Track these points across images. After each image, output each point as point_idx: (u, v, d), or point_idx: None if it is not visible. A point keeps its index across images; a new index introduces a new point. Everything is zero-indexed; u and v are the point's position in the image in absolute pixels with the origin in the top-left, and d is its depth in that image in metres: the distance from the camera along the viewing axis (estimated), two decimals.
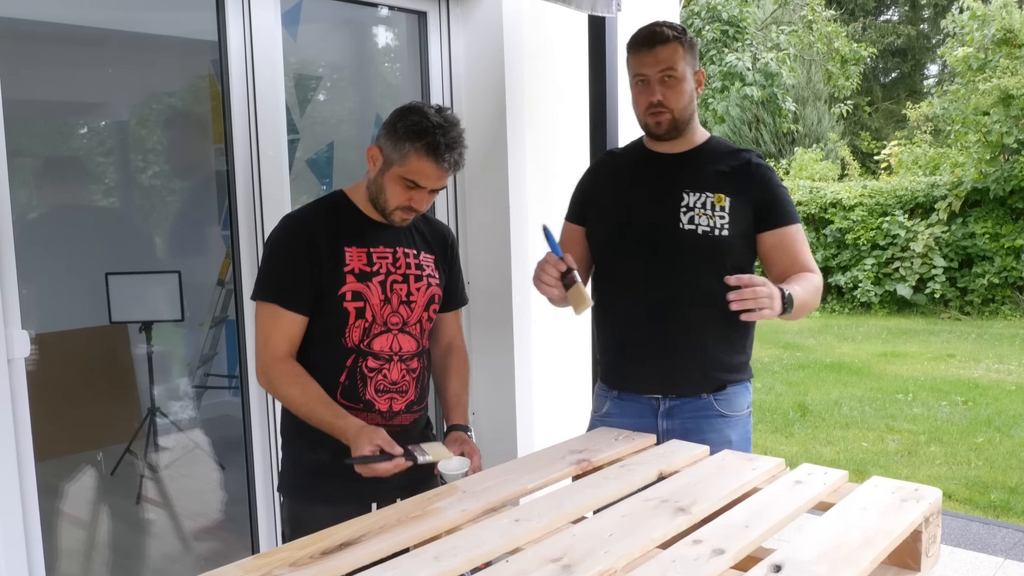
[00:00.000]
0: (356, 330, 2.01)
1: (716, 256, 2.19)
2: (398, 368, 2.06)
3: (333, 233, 2.02)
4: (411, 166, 1.94)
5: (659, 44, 2.18)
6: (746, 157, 2.27)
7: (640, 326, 2.27)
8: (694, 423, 2.25)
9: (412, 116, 1.94)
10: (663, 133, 2.24)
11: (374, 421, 2.01)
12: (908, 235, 11.27)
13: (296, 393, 1.96)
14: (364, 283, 2.00)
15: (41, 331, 3.22)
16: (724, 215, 2.19)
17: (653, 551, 1.53)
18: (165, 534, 3.57)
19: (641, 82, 2.22)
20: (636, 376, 2.32)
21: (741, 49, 9.58)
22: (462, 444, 2.11)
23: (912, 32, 22.94)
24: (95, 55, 3.28)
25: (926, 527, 1.70)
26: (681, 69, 2.18)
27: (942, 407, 6.67)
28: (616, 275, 2.32)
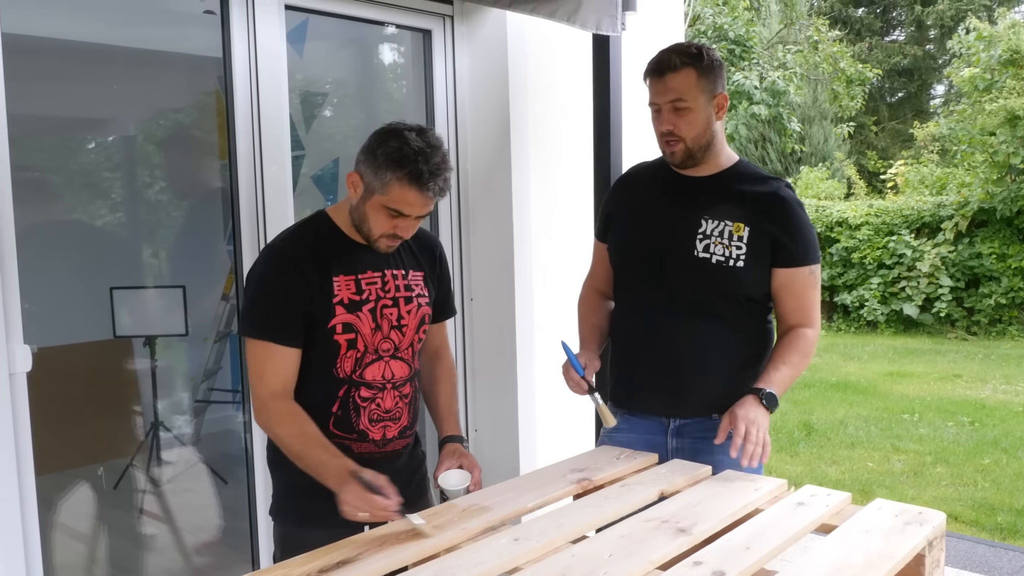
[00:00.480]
0: (348, 360, 1.96)
1: (729, 285, 2.17)
2: (391, 396, 2.02)
3: (320, 263, 1.94)
4: (393, 195, 1.85)
5: (668, 72, 2.12)
6: (774, 187, 2.20)
7: (648, 347, 2.25)
8: (704, 443, 2.21)
9: (392, 142, 1.85)
10: (678, 163, 2.21)
11: (367, 450, 1.99)
12: (914, 254, 11.24)
13: (293, 433, 1.89)
14: (354, 313, 1.95)
15: (46, 345, 3.23)
16: (741, 245, 2.15)
17: (652, 572, 1.51)
18: (166, 548, 3.56)
19: (655, 111, 2.19)
20: (644, 396, 2.30)
21: (748, 68, 9.60)
22: (460, 457, 2.07)
23: (918, 52, 22.98)
24: (103, 71, 3.30)
25: (930, 551, 1.68)
26: (693, 97, 2.12)
27: (948, 428, 6.62)
28: (629, 296, 2.32)
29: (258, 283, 1.96)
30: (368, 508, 1.70)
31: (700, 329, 2.19)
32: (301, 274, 1.91)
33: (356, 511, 1.71)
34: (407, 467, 2.11)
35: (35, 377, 2.31)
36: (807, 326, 2.22)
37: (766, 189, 2.19)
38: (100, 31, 3.08)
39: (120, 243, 3.98)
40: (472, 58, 3.39)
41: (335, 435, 1.96)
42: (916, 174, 13.77)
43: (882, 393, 7.88)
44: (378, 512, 1.71)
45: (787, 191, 2.20)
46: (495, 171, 3.36)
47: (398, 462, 2.06)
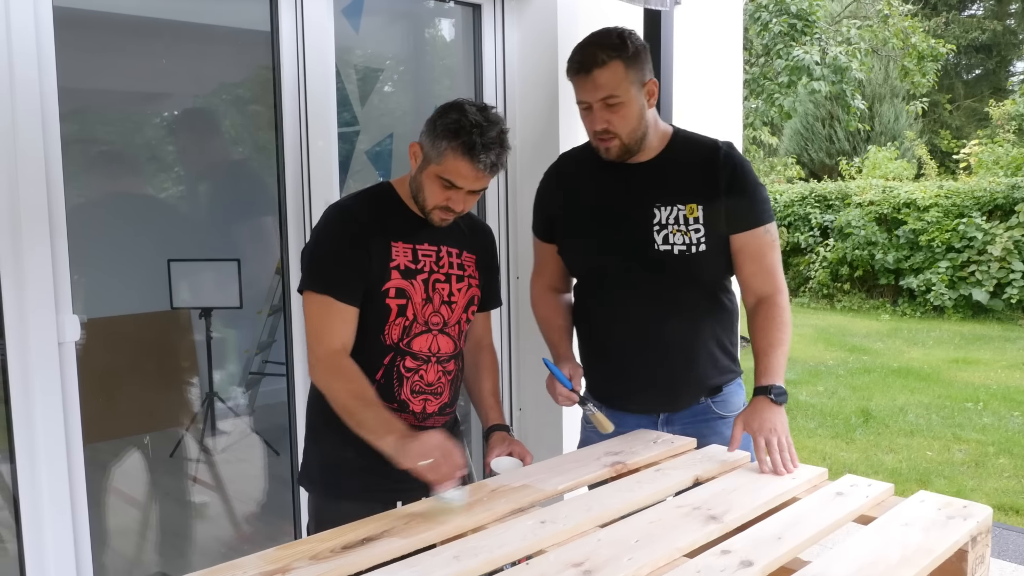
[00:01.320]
0: (396, 328, 1.98)
1: (694, 273, 2.12)
2: (435, 369, 2.04)
3: (381, 226, 1.99)
4: (447, 165, 1.89)
5: (595, 68, 2.01)
6: (713, 149, 2.13)
7: (624, 348, 2.20)
8: (694, 428, 2.22)
9: (452, 114, 1.90)
10: (613, 158, 2.12)
11: (407, 422, 1.96)
12: (986, 238, 10.85)
13: (352, 390, 1.88)
14: (408, 280, 1.98)
15: (108, 315, 3.31)
16: (699, 227, 2.09)
17: (679, 560, 1.49)
18: (216, 516, 3.64)
19: (585, 109, 2.08)
20: (629, 399, 2.25)
21: (809, 43, 9.31)
22: (511, 444, 2.09)
23: (998, 27, 22.10)
24: (161, 46, 3.34)
25: (973, 546, 1.62)
26: (624, 90, 2.02)
27: (1014, 418, 6.41)
28: (592, 298, 2.25)
29: (318, 238, 2.00)
30: (440, 454, 1.72)
31: (673, 323, 2.15)
32: (362, 233, 1.95)
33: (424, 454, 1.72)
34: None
35: (92, 346, 2.37)
36: (774, 292, 2.14)
37: (708, 154, 2.12)
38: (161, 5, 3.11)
39: (178, 216, 4.04)
40: (522, 33, 3.36)
41: None
42: (991, 154, 13.26)
43: (946, 380, 7.65)
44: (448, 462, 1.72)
45: (730, 151, 2.13)
46: (543, 148, 3.32)
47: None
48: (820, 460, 5.46)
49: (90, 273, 3.09)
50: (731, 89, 4.20)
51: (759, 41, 10.14)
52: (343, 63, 3.43)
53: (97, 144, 3.51)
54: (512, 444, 2.08)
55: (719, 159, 2.11)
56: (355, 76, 3.67)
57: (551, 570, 1.41)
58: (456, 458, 1.73)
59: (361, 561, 1.46)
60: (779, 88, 9.64)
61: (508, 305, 3.47)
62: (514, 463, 1.99)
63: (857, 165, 15.78)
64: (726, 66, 4.14)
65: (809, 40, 9.43)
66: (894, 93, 17.97)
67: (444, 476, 1.71)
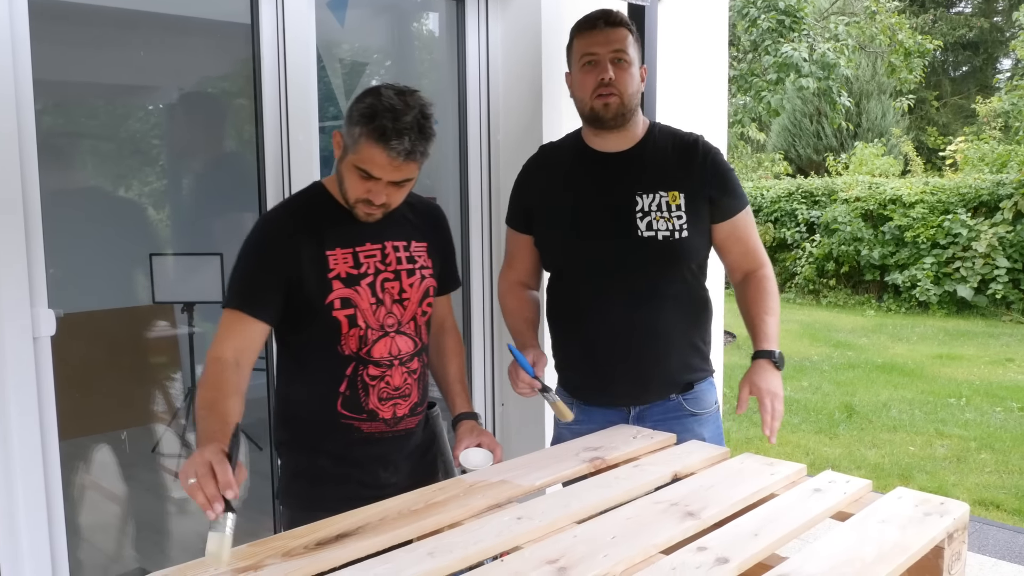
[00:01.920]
0: (351, 339, 1.89)
1: (679, 258, 2.13)
2: (400, 372, 1.95)
3: (314, 235, 1.87)
4: (363, 154, 1.77)
5: (612, 25, 2.10)
6: (692, 142, 2.17)
7: (601, 338, 2.17)
8: (665, 425, 2.19)
9: (367, 98, 1.78)
10: (610, 117, 2.10)
11: (378, 430, 1.94)
12: (970, 234, 10.90)
13: (207, 397, 1.72)
14: (352, 288, 1.88)
15: (89, 309, 3.29)
16: (681, 214, 2.10)
17: (655, 556, 1.48)
18: (197, 512, 3.60)
19: (589, 62, 2.10)
20: (601, 390, 2.24)
21: (797, 40, 9.32)
22: (479, 435, 2.03)
23: (985, 25, 22.19)
24: (141, 38, 3.31)
25: (949, 543, 1.62)
26: (631, 54, 2.10)
27: (996, 413, 6.44)
28: (574, 287, 2.22)
29: (241, 254, 1.89)
30: (203, 474, 1.44)
31: (651, 312, 2.14)
32: (291, 247, 1.84)
33: (190, 472, 1.46)
34: (419, 446, 2.07)
35: (70, 341, 2.35)
36: (761, 266, 2.21)
37: (688, 147, 2.17)
38: None
39: (161, 210, 4.02)
40: (506, 27, 3.34)
41: (344, 415, 1.91)
42: (977, 151, 13.32)
43: (929, 376, 7.69)
44: (207, 481, 1.44)
45: (708, 143, 2.19)
46: (526, 143, 3.31)
47: (410, 441, 2.03)
48: (803, 455, 5.47)
49: (71, 267, 3.06)
50: (716, 85, 4.20)
51: (747, 37, 10.14)
52: (329, 57, 3.41)
53: (78, 137, 3.48)
54: (481, 435, 2.03)
55: (698, 149, 2.16)
56: (341, 70, 3.65)
57: (526, 567, 1.40)
58: (221, 478, 1.45)
59: (335, 558, 1.45)
60: (767, 85, 9.65)
61: (491, 299, 3.46)
62: (484, 456, 1.95)
63: (844, 161, 15.83)
64: (711, 62, 4.13)
65: (797, 36, 9.44)
66: (881, 89, 18.03)
67: (206, 498, 1.43)
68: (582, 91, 2.13)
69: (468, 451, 1.97)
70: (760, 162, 17.58)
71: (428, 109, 1.80)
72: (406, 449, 2.01)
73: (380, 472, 1.97)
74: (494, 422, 3.51)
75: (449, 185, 3.49)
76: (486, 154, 3.40)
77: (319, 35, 2.86)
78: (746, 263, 2.21)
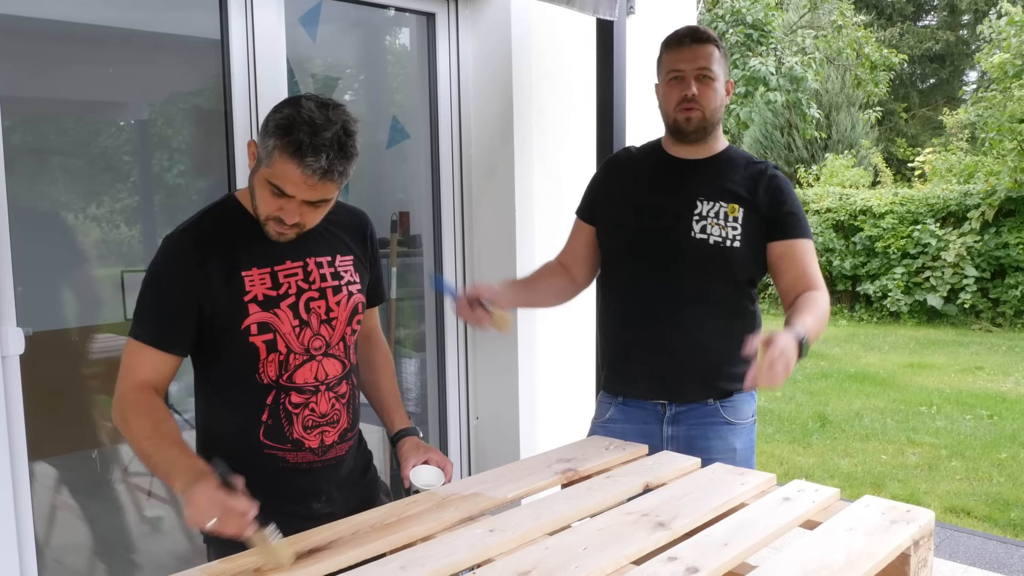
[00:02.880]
0: (270, 365, 1.75)
1: (726, 266, 2.18)
2: (326, 398, 1.81)
3: (226, 255, 1.72)
4: (275, 168, 1.62)
5: (698, 43, 2.17)
6: (763, 167, 2.24)
7: (645, 331, 2.23)
8: (700, 430, 2.22)
9: (286, 108, 1.64)
10: (691, 131, 2.20)
11: (306, 460, 1.81)
12: (939, 244, 11.07)
13: (145, 426, 1.65)
14: (270, 311, 1.73)
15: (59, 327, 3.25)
16: (737, 226, 2.16)
17: (626, 567, 1.49)
18: (172, 531, 3.58)
19: (676, 78, 2.18)
20: (641, 381, 2.28)
21: (765, 53, 9.45)
22: (426, 452, 1.95)
23: (951, 38, 22.58)
24: (109, 54, 3.30)
25: (915, 550, 1.64)
26: (716, 71, 2.17)
27: (966, 421, 6.53)
28: (623, 279, 2.29)
29: (147, 280, 1.74)
30: (220, 511, 1.47)
31: (697, 312, 2.19)
32: (198, 273, 1.70)
33: (204, 516, 1.48)
34: (352, 472, 1.94)
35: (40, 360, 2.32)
36: (816, 288, 2.17)
37: (757, 170, 2.23)
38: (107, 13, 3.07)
39: (132, 227, 3.99)
40: (476, 42, 3.36)
41: (267, 446, 1.78)
42: (944, 162, 13.53)
43: (901, 385, 7.78)
44: (231, 518, 1.47)
45: (776, 170, 2.25)
46: (498, 157, 3.34)
47: (342, 468, 1.89)
48: (777, 465, 5.52)
49: (40, 285, 3.03)
50: None
51: None
52: (301, 72, 3.41)
53: (47, 153, 3.45)
54: (428, 451, 1.94)
55: (767, 172, 2.23)
56: (314, 85, 3.65)
57: None
58: (237, 508, 1.47)
59: (308, 573, 1.44)
60: (736, 98, 9.76)
61: None
62: (435, 474, 1.88)
63: (815, 173, 16.01)
64: None
65: (765, 50, 9.57)
66: (850, 102, 18.24)
67: (238, 528, 1.47)
68: (667, 104, 2.22)
69: (418, 469, 1.90)
70: None
71: (352, 126, 1.66)
72: (338, 478, 1.88)
73: (312, 504, 1.84)
74: (468, 435, 3.51)
75: (422, 200, 3.50)
76: (458, 168, 3.42)
77: (291, 50, 2.86)
78: (801, 285, 2.17)
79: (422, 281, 3.63)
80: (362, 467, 1.99)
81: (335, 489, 1.88)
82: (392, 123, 3.70)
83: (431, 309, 3.54)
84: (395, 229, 3.57)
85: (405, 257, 3.61)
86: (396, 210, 3.63)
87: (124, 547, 3.46)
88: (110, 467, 3.55)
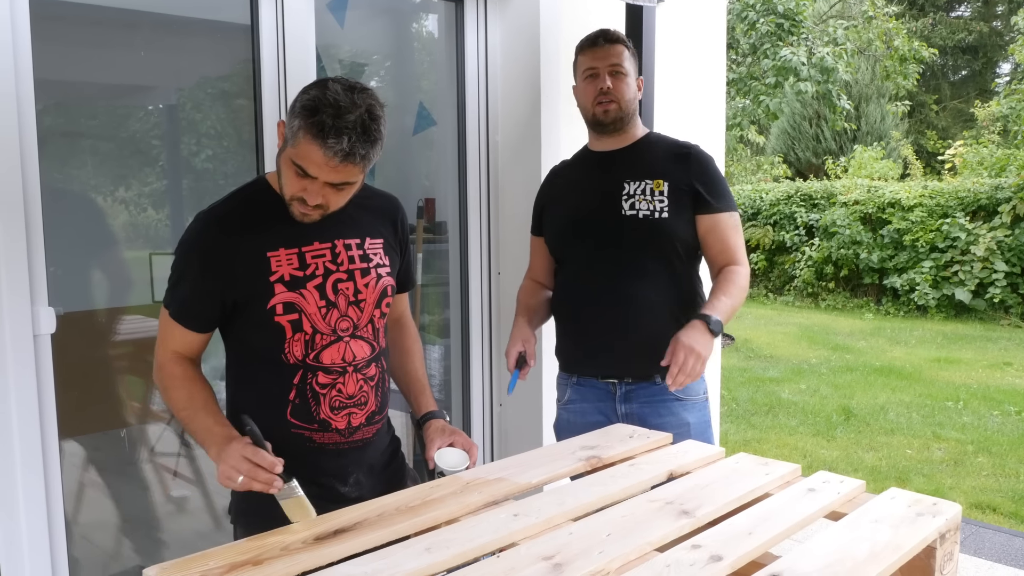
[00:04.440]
0: (296, 344, 1.77)
1: (660, 238, 2.32)
2: (354, 380, 1.82)
3: (254, 235, 1.76)
4: (299, 148, 1.64)
5: (610, 43, 2.38)
6: (686, 146, 2.41)
7: (590, 310, 2.37)
8: (651, 407, 2.36)
9: (313, 90, 1.66)
10: (609, 122, 2.38)
11: (332, 440, 1.83)
12: (969, 238, 10.93)
13: (182, 397, 1.76)
14: (296, 291, 1.75)
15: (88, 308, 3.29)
16: (663, 199, 2.31)
17: (650, 554, 1.49)
18: (197, 511, 3.62)
19: (591, 76, 2.38)
20: (589, 360, 2.43)
21: (796, 43, 9.36)
22: (451, 435, 1.96)
23: (984, 29, 22.24)
24: (141, 38, 3.32)
25: (941, 544, 1.63)
26: (627, 67, 2.38)
27: (994, 416, 6.46)
28: (567, 266, 2.46)
29: (177, 256, 1.81)
30: (248, 468, 1.54)
31: (634, 287, 2.33)
32: (225, 251, 1.74)
33: (233, 472, 1.56)
34: (380, 456, 1.96)
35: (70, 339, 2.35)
36: (736, 263, 2.36)
37: (678, 148, 2.41)
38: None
39: (161, 209, 4.03)
40: (504, 28, 3.36)
41: (294, 425, 1.81)
42: (975, 155, 13.36)
43: (927, 379, 7.71)
44: (259, 473, 1.54)
45: (698, 149, 2.41)
46: (525, 144, 3.33)
47: (369, 451, 1.91)
48: (800, 457, 5.49)
49: (71, 266, 3.07)
50: (714, 88, 4.21)
51: (746, 40, 10.17)
52: (328, 58, 3.42)
53: (79, 137, 3.49)
54: (453, 434, 1.96)
55: (690, 151, 2.40)
56: (340, 71, 3.66)
57: (521, 563, 1.42)
58: (264, 459, 1.56)
59: (333, 553, 1.46)
60: (766, 88, 9.68)
61: (489, 301, 3.47)
62: (460, 456, 1.89)
63: (843, 164, 15.86)
64: (709, 65, 4.15)
65: (796, 40, 9.47)
66: (880, 93, 18.06)
67: (263, 484, 1.55)
68: (585, 100, 2.43)
69: (443, 451, 1.91)
70: (759, 165, 17.61)
71: (377, 110, 1.67)
72: (364, 461, 1.90)
73: (339, 487, 1.86)
74: (492, 423, 3.52)
75: (448, 186, 3.51)
76: (484, 155, 3.42)
77: (319, 36, 2.87)
78: (723, 259, 2.36)
79: (447, 267, 3.63)
80: (390, 453, 2.01)
81: (362, 473, 1.90)
82: (419, 109, 3.70)
83: (456, 296, 3.55)
84: (421, 215, 3.58)
85: (431, 244, 3.62)
86: (422, 196, 3.64)
87: (150, 525, 3.51)
88: (138, 447, 3.59)
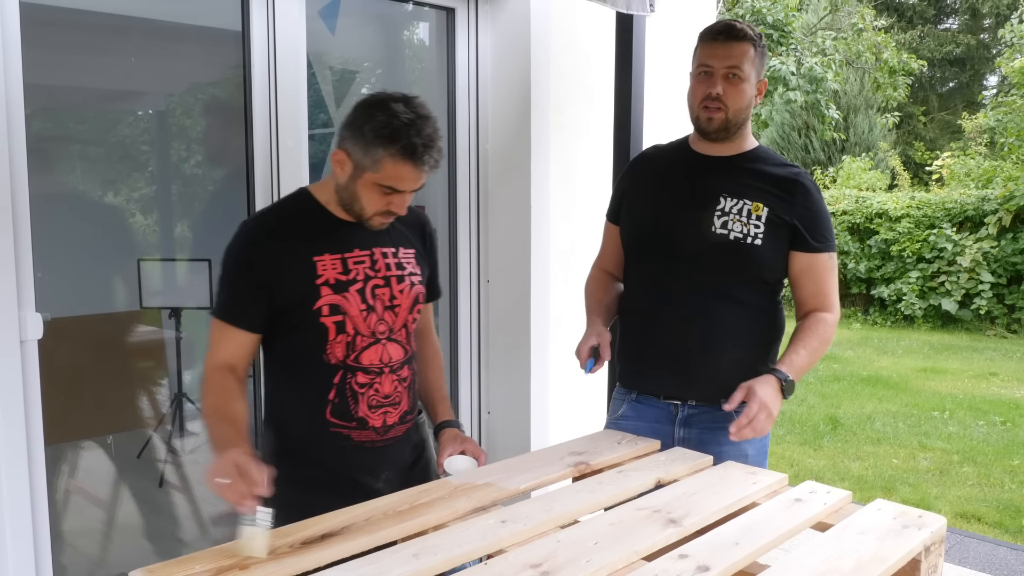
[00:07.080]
0: (338, 346, 1.87)
1: (746, 264, 2.14)
2: (390, 380, 1.93)
3: (300, 241, 1.87)
4: (387, 172, 1.77)
5: (733, 40, 2.11)
6: (794, 172, 2.19)
7: (661, 327, 2.20)
8: (711, 434, 2.17)
9: (379, 115, 1.75)
10: (712, 131, 2.16)
11: (368, 438, 1.92)
12: (955, 249, 10.99)
13: (214, 403, 1.82)
14: (340, 294, 1.86)
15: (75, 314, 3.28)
16: (760, 224, 2.12)
17: (637, 563, 1.50)
18: (184, 518, 3.61)
19: (705, 73, 2.13)
20: (653, 378, 2.26)
21: (785, 53, 9.42)
22: (463, 442, 2.04)
23: (971, 41, 22.40)
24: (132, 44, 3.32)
25: (926, 556, 1.64)
26: (747, 70, 2.11)
27: (979, 427, 6.50)
28: (641, 273, 2.27)
29: (225, 262, 1.89)
30: (235, 473, 1.55)
31: (714, 309, 2.15)
32: (271, 255, 1.85)
33: (219, 473, 1.57)
34: (410, 454, 2.05)
35: (57, 345, 2.34)
36: (826, 309, 2.19)
37: (786, 173, 2.18)
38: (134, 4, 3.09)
39: (149, 215, 4.01)
40: (495, 37, 3.37)
41: (333, 424, 1.90)
42: (962, 166, 13.45)
43: (913, 389, 7.74)
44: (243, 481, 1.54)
45: (806, 177, 2.19)
46: (515, 152, 3.34)
47: (399, 449, 2.00)
48: (788, 467, 5.50)
49: (58, 271, 3.06)
50: None
51: None
52: (319, 64, 3.42)
53: (68, 141, 3.48)
54: (465, 442, 2.03)
55: (798, 177, 2.18)
56: (331, 77, 3.66)
57: (509, 570, 1.42)
58: (252, 477, 1.56)
59: (320, 558, 1.46)
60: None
61: (478, 308, 3.47)
62: (469, 463, 1.96)
63: (832, 175, 15.94)
64: None
65: (785, 50, 9.53)
66: (868, 104, 18.15)
67: (239, 496, 1.53)
68: (693, 99, 2.18)
69: (453, 458, 1.98)
70: None
71: (430, 111, 1.81)
72: (397, 458, 2.00)
73: (372, 482, 1.94)
74: (480, 430, 3.52)
75: (437, 194, 3.51)
76: (474, 163, 3.43)
77: (310, 43, 2.87)
78: (813, 303, 2.19)
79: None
80: (418, 452, 2.08)
81: (394, 469, 1.98)
82: None
83: (445, 305, 3.55)
84: None
85: None
86: (412, 204, 3.64)
87: (136, 532, 3.49)
88: (125, 453, 3.57)
